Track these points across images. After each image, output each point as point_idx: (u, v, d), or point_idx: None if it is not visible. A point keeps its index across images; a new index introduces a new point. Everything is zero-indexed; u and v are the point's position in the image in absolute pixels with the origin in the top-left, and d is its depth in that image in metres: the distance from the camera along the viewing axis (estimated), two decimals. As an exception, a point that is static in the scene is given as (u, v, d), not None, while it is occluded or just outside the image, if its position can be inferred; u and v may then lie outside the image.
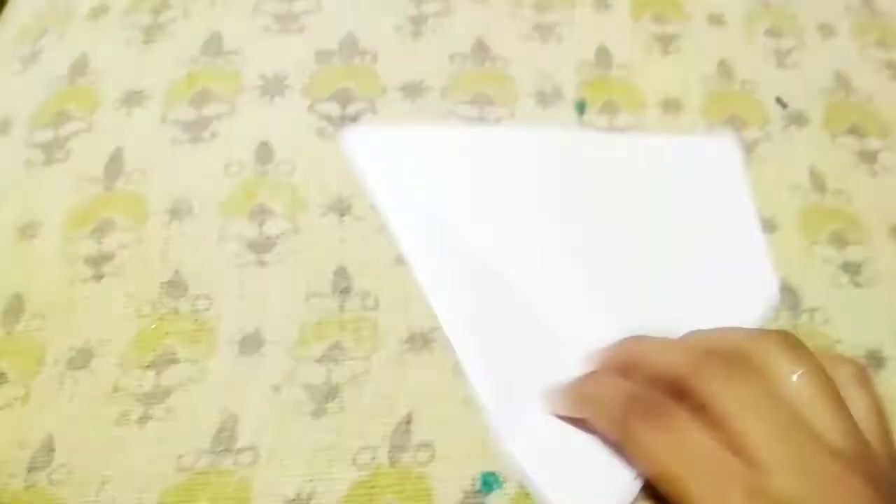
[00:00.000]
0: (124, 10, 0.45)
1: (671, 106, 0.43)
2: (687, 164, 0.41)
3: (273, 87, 0.41)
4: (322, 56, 0.43)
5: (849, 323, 0.37)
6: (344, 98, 0.41)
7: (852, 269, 0.38)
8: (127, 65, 0.43)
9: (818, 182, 0.41)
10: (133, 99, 0.41)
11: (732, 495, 0.24)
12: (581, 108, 0.43)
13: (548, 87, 0.43)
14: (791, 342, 0.27)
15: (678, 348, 0.29)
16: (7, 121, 0.42)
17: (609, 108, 0.43)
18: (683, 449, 0.25)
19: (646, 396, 0.27)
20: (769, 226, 0.39)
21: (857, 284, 0.38)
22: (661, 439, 0.26)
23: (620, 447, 0.28)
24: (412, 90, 0.42)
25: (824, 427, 0.25)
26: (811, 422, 0.25)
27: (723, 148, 0.42)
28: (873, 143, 0.43)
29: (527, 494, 0.32)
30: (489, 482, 0.32)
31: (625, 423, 0.27)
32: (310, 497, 0.31)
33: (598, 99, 0.43)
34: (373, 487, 0.32)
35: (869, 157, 0.43)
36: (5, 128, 0.41)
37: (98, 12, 0.45)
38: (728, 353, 0.27)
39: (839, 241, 0.39)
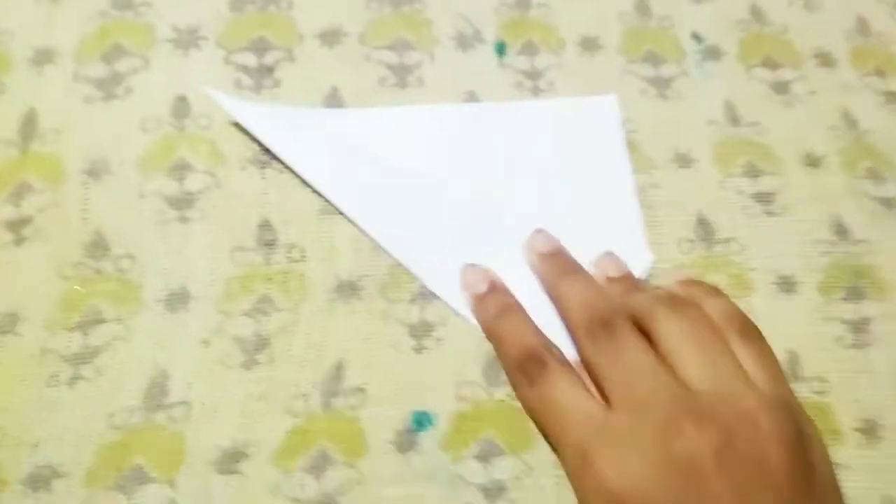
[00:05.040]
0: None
1: (589, 45, 0.44)
2: (567, 125, 0.41)
3: (187, 39, 0.41)
4: (236, 4, 0.42)
5: (761, 251, 0.38)
6: (260, 47, 0.41)
7: (765, 198, 0.40)
8: (35, 23, 0.41)
9: (732, 115, 0.42)
10: (43, 57, 0.40)
11: (575, 427, 0.30)
12: (501, 49, 0.43)
13: (467, 30, 0.43)
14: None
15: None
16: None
17: (529, 49, 0.43)
18: (546, 401, 0.31)
19: (531, 353, 0.33)
20: (685, 161, 0.40)
21: (770, 213, 0.39)
22: (531, 394, 0.32)
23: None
24: (330, 37, 0.42)
25: (688, 368, 0.30)
26: (679, 368, 0.30)
27: (602, 108, 0.42)
28: (786, 74, 0.44)
29: (458, 431, 0.33)
30: (421, 421, 0.33)
31: (512, 372, 0.33)
32: (245, 446, 0.32)
33: (518, 40, 0.43)
34: (307, 433, 0.33)
35: (782, 87, 0.44)
36: (-89, 92, 0.40)
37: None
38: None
39: (753, 172, 0.41)
